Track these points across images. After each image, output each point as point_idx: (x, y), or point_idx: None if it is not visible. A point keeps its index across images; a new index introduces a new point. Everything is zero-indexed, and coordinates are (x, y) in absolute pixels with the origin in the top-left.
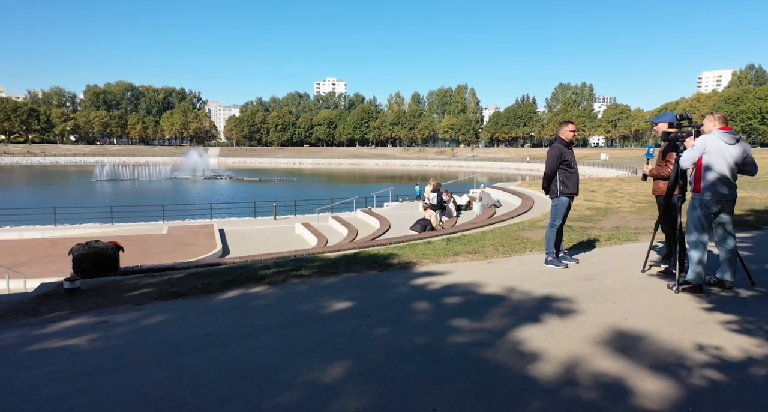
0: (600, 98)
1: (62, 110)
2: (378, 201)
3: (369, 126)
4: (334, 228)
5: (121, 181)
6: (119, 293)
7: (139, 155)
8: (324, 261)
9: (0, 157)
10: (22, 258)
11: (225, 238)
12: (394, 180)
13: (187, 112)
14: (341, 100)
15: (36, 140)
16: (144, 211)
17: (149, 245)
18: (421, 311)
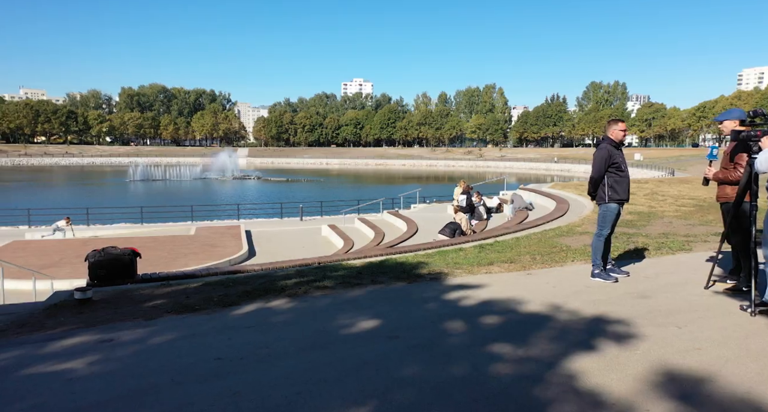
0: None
1: (99, 112)
2: (405, 202)
3: (395, 126)
4: (360, 230)
5: (153, 182)
6: (131, 305)
7: (171, 156)
8: (349, 270)
9: (41, 157)
10: (54, 258)
11: (251, 239)
12: (420, 181)
13: (217, 113)
14: (368, 100)
15: (74, 141)
16: (173, 211)
17: (177, 246)
18: (456, 333)
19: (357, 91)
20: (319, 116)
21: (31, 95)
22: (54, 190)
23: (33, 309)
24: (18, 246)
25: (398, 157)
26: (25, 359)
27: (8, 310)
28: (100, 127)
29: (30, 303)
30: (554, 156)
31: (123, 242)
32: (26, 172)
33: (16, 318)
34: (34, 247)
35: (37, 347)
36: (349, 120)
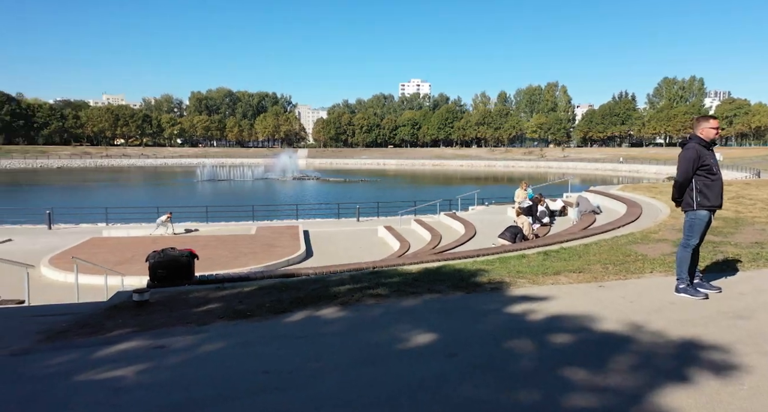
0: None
1: (171, 116)
2: (462, 204)
3: (453, 126)
4: (416, 232)
5: (219, 182)
6: (186, 308)
7: (235, 157)
8: (404, 276)
9: (120, 159)
10: (126, 255)
11: (309, 239)
12: (478, 182)
13: (279, 115)
14: (425, 100)
15: (149, 143)
16: (235, 211)
17: (238, 245)
18: (522, 353)
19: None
20: (377, 117)
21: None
22: (130, 189)
23: (96, 309)
24: (96, 243)
25: (455, 158)
26: (78, 363)
27: (74, 309)
28: (171, 130)
29: (94, 302)
30: (620, 156)
31: (189, 241)
32: (107, 173)
33: (80, 318)
34: (110, 244)
35: (92, 351)
36: (406, 120)
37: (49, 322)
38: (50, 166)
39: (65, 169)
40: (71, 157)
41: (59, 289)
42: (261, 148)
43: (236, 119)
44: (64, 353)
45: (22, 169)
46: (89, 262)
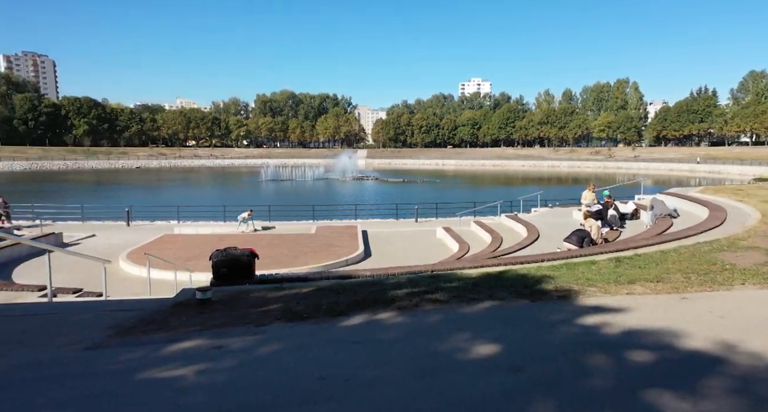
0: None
1: (237, 118)
2: (524, 206)
3: (515, 126)
4: (476, 234)
5: (281, 182)
6: (245, 308)
7: (297, 157)
8: (464, 281)
9: (191, 159)
10: (194, 252)
11: (367, 239)
12: (541, 182)
13: (339, 116)
14: (486, 100)
15: (217, 144)
16: (296, 210)
17: (299, 244)
18: (595, 370)
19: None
20: (436, 117)
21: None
22: (200, 189)
23: (162, 306)
24: (167, 240)
25: (517, 158)
26: (142, 361)
27: (143, 305)
28: (238, 132)
29: (161, 299)
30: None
31: (252, 240)
32: (179, 172)
33: (146, 315)
34: (180, 240)
35: (156, 349)
36: (466, 120)
37: (120, 317)
38: (130, 167)
39: (143, 169)
40: (148, 158)
41: (134, 282)
42: (322, 149)
43: (298, 121)
44: (130, 349)
45: (105, 169)
46: (160, 258)
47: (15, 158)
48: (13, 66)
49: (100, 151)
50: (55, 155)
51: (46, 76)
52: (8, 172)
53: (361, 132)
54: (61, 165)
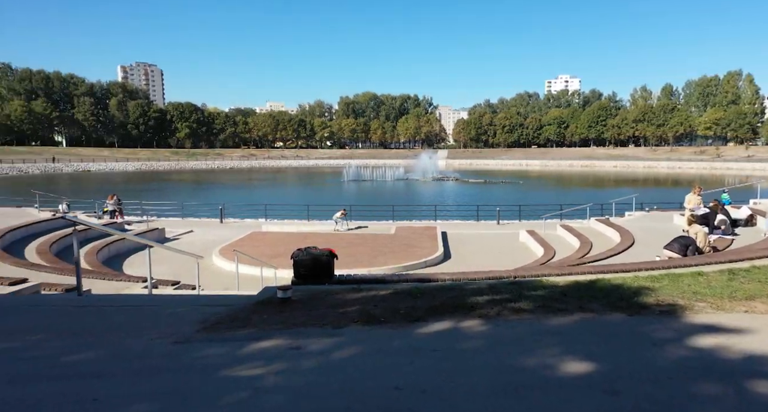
0: None
1: (322, 120)
2: (617, 209)
3: (606, 124)
4: (563, 238)
5: (363, 182)
6: (324, 308)
7: (378, 158)
8: (550, 290)
9: (278, 160)
10: (280, 249)
11: (447, 241)
12: (636, 184)
13: (420, 117)
14: (574, 97)
15: (303, 145)
16: (376, 210)
17: (378, 244)
18: (710, 401)
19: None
20: (520, 116)
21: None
22: (286, 188)
23: (246, 303)
24: (256, 237)
25: (608, 158)
26: (225, 358)
27: (229, 301)
28: (322, 133)
29: (246, 296)
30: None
31: (334, 239)
32: (267, 173)
33: (231, 311)
34: (268, 238)
35: (238, 346)
36: (552, 119)
37: (208, 312)
38: (224, 167)
39: (235, 170)
40: (240, 159)
41: (224, 277)
42: (402, 149)
43: (380, 122)
44: (215, 345)
45: (203, 169)
46: (247, 255)
47: (128, 159)
48: (128, 75)
49: (199, 153)
50: (161, 157)
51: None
52: (122, 172)
53: (441, 132)
54: (166, 165)
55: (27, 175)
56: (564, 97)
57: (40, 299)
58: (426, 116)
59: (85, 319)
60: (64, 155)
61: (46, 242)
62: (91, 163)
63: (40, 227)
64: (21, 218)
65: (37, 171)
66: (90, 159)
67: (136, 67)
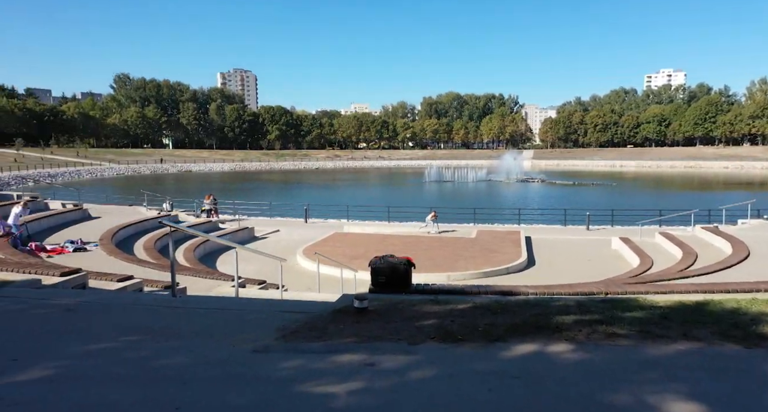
0: None
1: (404, 120)
2: (728, 217)
3: (716, 121)
4: (662, 247)
5: (444, 183)
6: (400, 321)
7: (460, 158)
8: (648, 311)
9: (361, 161)
10: (360, 251)
11: (531, 246)
12: (751, 188)
13: (505, 116)
14: (678, 93)
15: (385, 146)
16: (457, 213)
17: (459, 248)
18: None
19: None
20: (614, 114)
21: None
22: (368, 189)
23: (324, 310)
24: (338, 237)
25: (717, 158)
26: (300, 371)
27: (308, 308)
28: (404, 134)
29: (323, 303)
30: None
31: (414, 241)
32: (351, 173)
33: (309, 319)
34: (349, 239)
35: (314, 359)
36: (651, 117)
37: (288, 319)
38: (310, 168)
39: (320, 170)
40: (325, 160)
41: (307, 277)
42: (485, 150)
43: (463, 122)
44: (291, 356)
45: (291, 170)
46: (329, 257)
47: (224, 160)
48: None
49: (287, 154)
50: (253, 158)
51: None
52: (219, 172)
53: (527, 132)
54: (257, 166)
55: (139, 175)
56: (666, 92)
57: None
58: (511, 116)
59: (176, 321)
60: (170, 157)
61: (151, 239)
62: (193, 164)
63: (146, 225)
64: (132, 216)
65: (147, 171)
66: (191, 160)
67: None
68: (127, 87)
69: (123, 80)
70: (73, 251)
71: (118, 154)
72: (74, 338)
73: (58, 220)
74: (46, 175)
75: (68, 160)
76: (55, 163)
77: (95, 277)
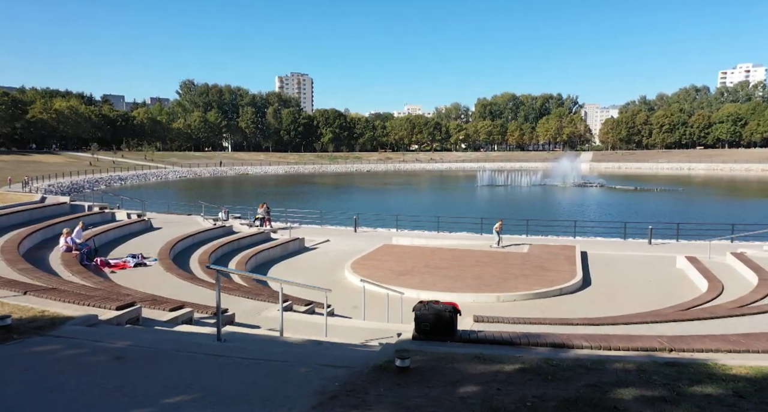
0: None
1: (457, 122)
2: None
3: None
4: (734, 270)
5: (496, 188)
6: (441, 386)
7: (514, 160)
8: (722, 385)
9: (413, 163)
10: (408, 265)
11: (587, 263)
12: None
13: (562, 117)
14: (757, 90)
15: (437, 148)
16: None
17: (509, 264)
18: None
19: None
20: (683, 113)
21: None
22: (419, 194)
23: (364, 365)
24: (386, 250)
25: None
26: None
27: (348, 360)
28: (457, 136)
29: (364, 352)
30: None
31: (462, 255)
32: (402, 176)
33: (349, 378)
34: (397, 252)
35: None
36: (725, 116)
37: (327, 376)
38: (362, 170)
39: (372, 173)
40: (377, 162)
41: (354, 293)
42: (541, 152)
43: (518, 123)
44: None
45: (343, 172)
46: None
47: (279, 163)
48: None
49: (339, 156)
50: (307, 160)
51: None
52: (274, 174)
53: (586, 133)
54: (311, 168)
55: (200, 178)
56: (743, 89)
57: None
58: (569, 116)
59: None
60: (229, 160)
61: (206, 252)
62: (250, 167)
63: (203, 236)
64: (190, 226)
65: (207, 174)
66: (249, 163)
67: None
68: (191, 92)
69: (188, 86)
70: (134, 266)
71: (182, 157)
72: (118, 399)
73: (124, 231)
74: (117, 178)
75: (137, 163)
76: (125, 167)
77: (149, 305)
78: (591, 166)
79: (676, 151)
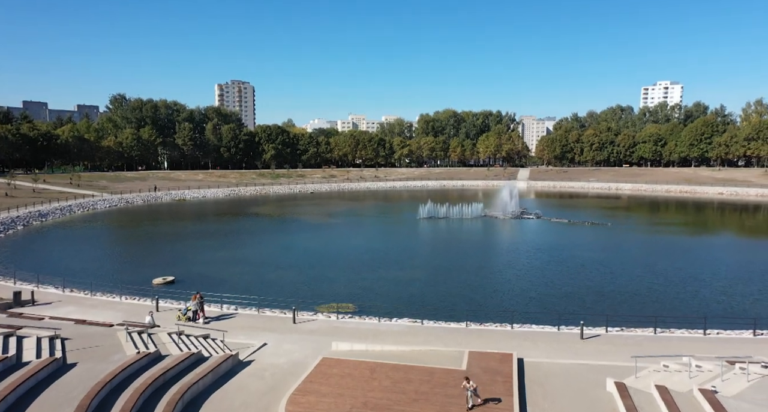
0: None
1: (401, 138)
2: None
3: (711, 142)
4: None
5: (438, 220)
6: None
7: (456, 178)
8: None
9: (357, 182)
10: (345, 406)
11: (524, 388)
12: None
13: (501, 134)
14: (674, 111)
15: (382, 164)
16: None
17: (448, 402)
18: None
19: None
20: (611, 132)
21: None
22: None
23: None
24: (324, 370)
25: (713, 183)
26: None
27: None
28: (401, 152)
29: None
30: None
31: (402, 380)
32: (345, 200)
33: None
34: (336, 374)
35: None
36: (647, 136)
37: None
38: (305, 192)
39: (316, 194)
40: (321, 181)
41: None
42: (481, 169)
43: (459, 139)
44: None
45: (286, 195)
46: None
47: (219, 185)
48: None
49: (282, 174)
50: (248, 180)
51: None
52: (213, 199)
53: (523, 149)
54: (252, 191)
55: (132, 206)
56: (662, 111)
57: None
58: (508, 134)
59: None
60: (164, 180)
61: (131, 399)
62: (187, 191)
63: (126, 374)
64: (110, 356)
65: (140, 201)
66: (186, 185)
67: (231, 85)
68: (123, 107)
69: (119, 101)
70: None
71: (113, 179)
72: None
73: (31, 382)
74: (37, 215)
75: (61, 190)
76: (47, 196)
77: None
78: (528, 184)
79: (605, 169)
